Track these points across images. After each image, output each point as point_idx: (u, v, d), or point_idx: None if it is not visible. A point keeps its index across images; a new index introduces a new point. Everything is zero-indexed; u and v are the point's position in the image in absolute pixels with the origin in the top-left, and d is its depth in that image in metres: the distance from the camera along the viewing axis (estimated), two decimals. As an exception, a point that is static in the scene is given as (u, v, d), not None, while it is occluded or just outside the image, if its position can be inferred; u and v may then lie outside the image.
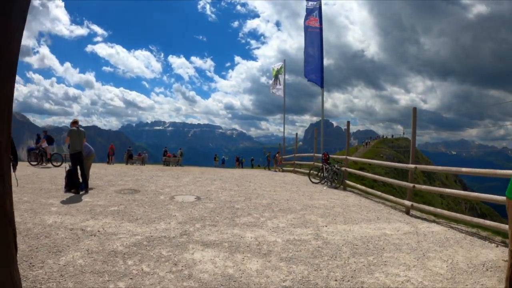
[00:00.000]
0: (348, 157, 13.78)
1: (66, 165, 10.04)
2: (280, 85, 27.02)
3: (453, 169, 8.59)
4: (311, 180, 14.99)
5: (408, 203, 9.23)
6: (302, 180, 15.95)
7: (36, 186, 10.37)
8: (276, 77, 27.40)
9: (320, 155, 16.72)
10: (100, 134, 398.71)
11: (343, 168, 13.69)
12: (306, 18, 20.13)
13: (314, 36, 19.39)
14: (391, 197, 10.53)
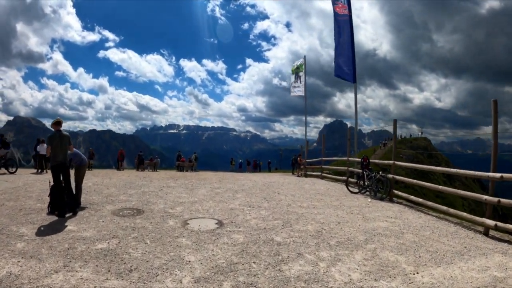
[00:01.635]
0: (396, 162, 11.27)
1: (51, 179, 7.72)
2: (301, 83, 24.67)
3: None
4: (349, 190, 12.53)
5: (490, 222, 7.03)
6: (337, 188, 13.49)
7: (17, 204, 8.18)
8: (296, 75, 25.05)
9: (358, 159, 14.29)
10: (115, 138, 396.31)
11: (390, 176, 11.21)
12: (333, 3, 17.67)
13: (343, 25, 16.94)
14: (464, 214, 8.12)
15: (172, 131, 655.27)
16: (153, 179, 14.94)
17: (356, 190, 12.36)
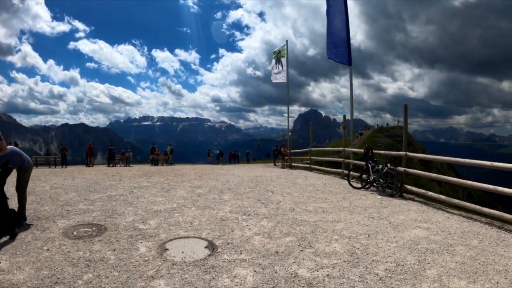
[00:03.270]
0: (408, 153, 9.67)
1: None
2: (282, 69, 23.01)
3: None
4: (351, 184, 10.87)
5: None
6: (335, 183, 11.85)
7: None
8: (277, 60, 23.32)
9: (356, 150, 12.63)
10: (88, 132, 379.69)
11: (401, 169, 9.63)
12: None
13: (336, 3, 15.16)
14: (506, 215, 6.60)
15: (146, 123, 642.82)
16: (123, 177, 12.84)
17: (359, 185, 10.75)
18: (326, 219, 6.43)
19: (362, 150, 14.65)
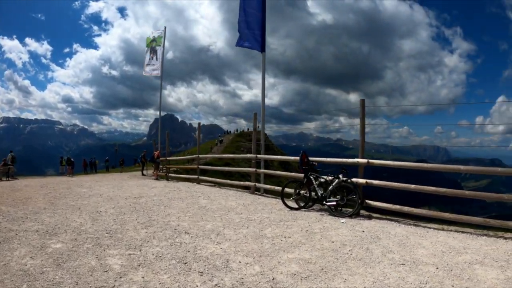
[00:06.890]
0: (371, 160, 7.01)
1: None
2: (157, 60, 18.99)
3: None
4: (286, 204, 7.85)
5: None
6: (253, 202, 9.01)
7: None
8: (151, 49, 19.15)
9: (282, 157, 9.50)
10: None
11: (361, 180, 6.91)
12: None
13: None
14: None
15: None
16: None
17: (295, 205, 7.65)
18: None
19: (277, 157, 12.00)
